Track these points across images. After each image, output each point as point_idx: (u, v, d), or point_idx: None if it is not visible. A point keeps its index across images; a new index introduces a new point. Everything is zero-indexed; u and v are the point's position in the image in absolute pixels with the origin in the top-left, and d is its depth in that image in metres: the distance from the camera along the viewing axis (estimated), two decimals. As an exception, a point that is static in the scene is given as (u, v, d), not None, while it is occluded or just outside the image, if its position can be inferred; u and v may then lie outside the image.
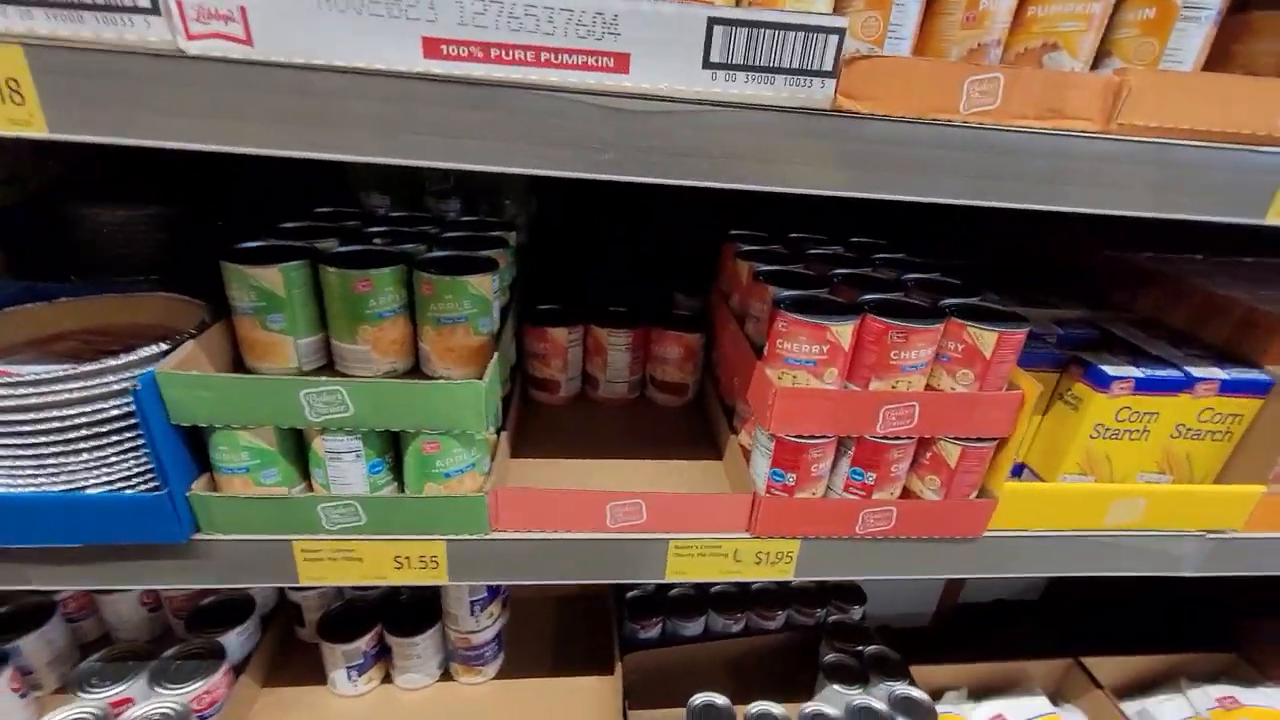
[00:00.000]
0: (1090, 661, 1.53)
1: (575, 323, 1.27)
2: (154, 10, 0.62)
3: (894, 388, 0.94)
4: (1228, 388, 1.06)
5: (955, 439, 0.97)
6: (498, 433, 1.05)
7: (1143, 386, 1.04)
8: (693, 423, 1.33)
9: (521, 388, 1.29)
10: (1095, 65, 0.79)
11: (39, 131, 0.63)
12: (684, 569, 1.01)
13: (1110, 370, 1.03)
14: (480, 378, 0.90)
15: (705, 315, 1.39)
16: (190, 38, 0.62)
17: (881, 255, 1.29)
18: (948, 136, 0.74)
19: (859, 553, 1.04)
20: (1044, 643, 1.62)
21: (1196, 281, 1.24)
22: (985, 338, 0.91)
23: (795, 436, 0.94)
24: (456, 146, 0.69)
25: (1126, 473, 1.11)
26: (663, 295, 1.45)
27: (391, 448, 0.93)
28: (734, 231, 1.39)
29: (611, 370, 1.31)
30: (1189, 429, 1.09)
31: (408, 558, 0.95)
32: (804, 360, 0.91)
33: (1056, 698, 1.54)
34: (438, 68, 0.66)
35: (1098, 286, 1.40)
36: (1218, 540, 1.11)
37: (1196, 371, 1.06)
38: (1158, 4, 0.74)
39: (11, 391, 0.78)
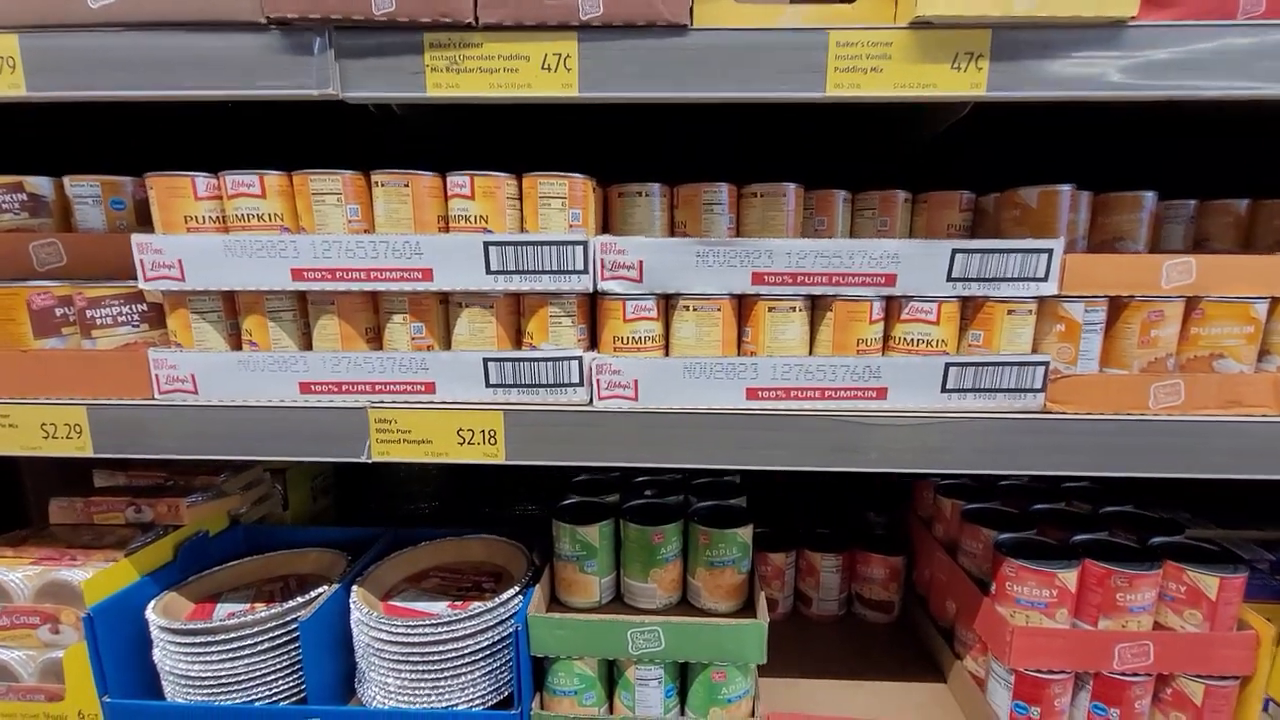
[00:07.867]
0: None
1: (790, 547, 1.48)
2: (580, 384, 0.98)
3: (1124, 626, 1.05)
4: None
5: (1197, 677, 1.04)
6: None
7: (1384, 622, 1.07)
8: (903, 640, 1.43)
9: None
10: (1260, 360, 0.99)
11: (501, 460, 0.98)
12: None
13: (1342, 606, 1.08)
14: (742, 611, 1.12)
15: (902, 534, 1.55)
16: (600, 399, 0.97)
17: (1069, 485, 1.43)
18: (1138, 428, 0.94)
19: (1114, 792, 1.07)
20: None
21: None
22: (1207, 582, 1.02)
23: (1035, 671, 1.06)
24: (763, 454, 0.97)
25: (1392, 712, 1.09)
26: (856, 512, 1.64)
27: (680, 676, 1.14)
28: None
29: (824, 590, 1.47)
30: None
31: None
32: (1035, 602, 1.06)
33: None
34: (754, 406, 0.97)
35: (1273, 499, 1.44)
36: None
37: None
38: (1305, 322, 0.95)
39: (432, 626, 1.08)
